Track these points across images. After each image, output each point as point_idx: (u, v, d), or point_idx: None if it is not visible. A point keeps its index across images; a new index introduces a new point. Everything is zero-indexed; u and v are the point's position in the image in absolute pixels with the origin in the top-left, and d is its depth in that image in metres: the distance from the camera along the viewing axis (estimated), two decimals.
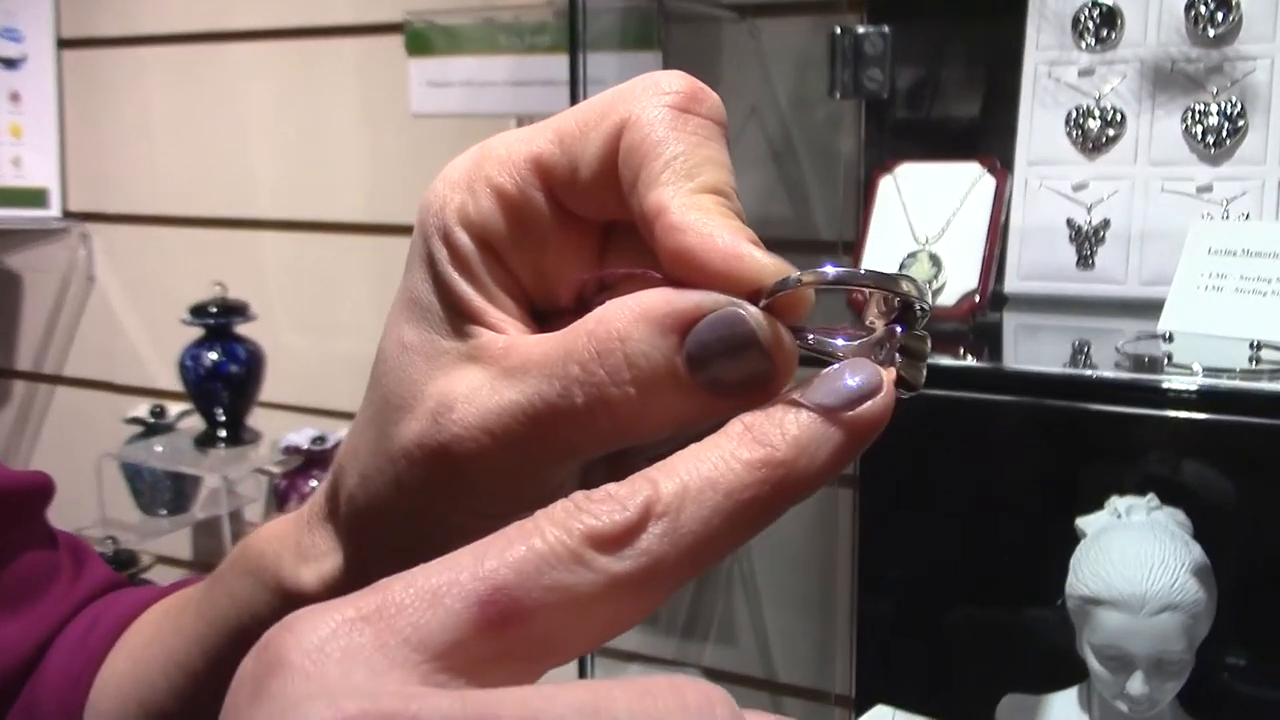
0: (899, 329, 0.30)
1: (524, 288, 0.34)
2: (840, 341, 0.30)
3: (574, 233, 0.33)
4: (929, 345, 0.30)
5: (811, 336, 0.30)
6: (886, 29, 1.25)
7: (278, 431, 1.68)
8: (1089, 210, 1.11)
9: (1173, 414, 0.89)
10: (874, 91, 1.26)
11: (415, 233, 0.34)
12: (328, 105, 1.77)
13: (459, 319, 0.33)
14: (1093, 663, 1.08)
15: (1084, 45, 1.12)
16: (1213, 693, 1.17)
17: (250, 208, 1.86)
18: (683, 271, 0.30)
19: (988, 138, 1.22)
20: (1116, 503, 1.12)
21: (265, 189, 1.85)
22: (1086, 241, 1.11)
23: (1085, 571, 1.08)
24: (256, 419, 1.71)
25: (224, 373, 1.61)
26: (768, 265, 0.29)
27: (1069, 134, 1.12)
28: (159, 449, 1.71)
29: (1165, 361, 0.89)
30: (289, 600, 0.36)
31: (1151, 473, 1.22)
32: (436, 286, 0.33)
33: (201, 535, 1.87)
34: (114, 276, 2.02)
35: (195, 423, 1.71)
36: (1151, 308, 1.01)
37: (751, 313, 0.29)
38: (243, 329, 1.66)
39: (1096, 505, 1.13)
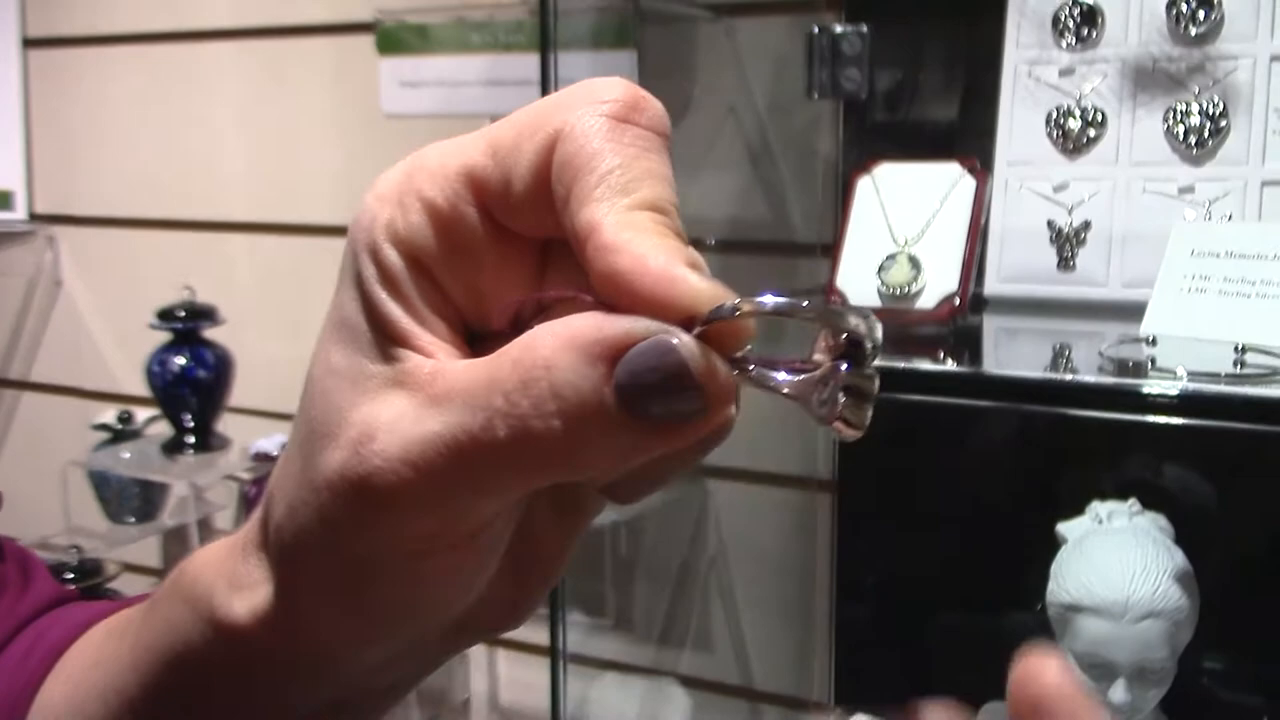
0: (844, 366, 0.27)
1: (458, 309, 0.31)
2: (782, 375, 0.28)
3: (511, 250, 0.31)
4: (876, 385, 0.28)
5: (753, 368, 0.28)
6: (865, 28, 1.23)
7: (248, 437, 1.66)
8: (1070, 211, 1.10)
9: (1156, 419, 0.88)
10: (852, 91, 1.25)
11: (345, 249, 0.32)
12: (298, 106, 1.75)
13: (386, 342, 0.30)
14: (1075, 670, 1.06)
15: (1065, 44, 1.11)
16: (1195, 700, 1.16)
17: (219, 210, 1.84)
18: (614, 295, 0.28)
19: (967, 138, 1.21)
20: (1098, 508, 1.11)
21: (235, 191, 1.83)
22: (1067, 243, 1.10)
23: (1066, 578, 1.06)
24: (226, 425, 1.68)
25: (192, 378, 1.58)
26: (703, 290, 0.27)
27: (1049, 134, 1.11)
28: (126, 455, 1.68)
29: (1149, 366, 0.88)
30: (221, 631, 0.34)
31: (1133, 477, 1.21)
32: (365, 306, 0.31)
33: (170, 543, 1.84)
34: (81, 280, 1.99)
35: (163, 429, 1.69)
36: (1133, 310, 1.00)
37: (684, 341, 0.27)
38: (211, 333, 1.63)
39: (1077, 510, 1.12)
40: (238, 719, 0.36)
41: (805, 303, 0.27)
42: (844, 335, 0.28)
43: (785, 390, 0.28)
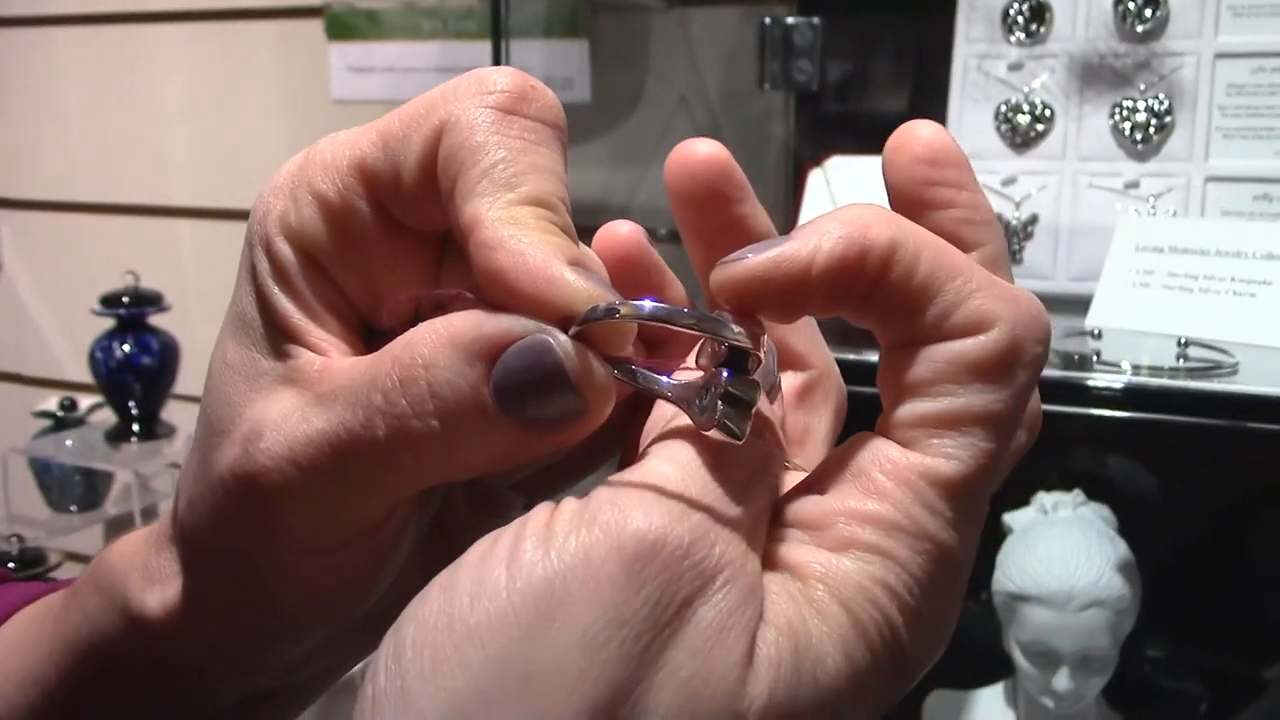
0: (725, 374, 0.27)
1: (352, 303, 0.31)
2: (665, 380, 0.28)
3: (406, 244, 0.31)
4: (757, 395, 0.27)
5: (636, 370, 0.28)
6: (816, 20, 1.24)
7: (193, 424, 1.63)
8: (1017, 205, 1.11)
9: (1101, 412, 0.89)
10: (804, 83, 1.25)
11: (244, 242, 0.31)
12: (246, 90, 1.73)
13: (279, 337, 0.30)
14: (1019, 659, 1.08)
15: (1014, 39, 1.12)
16: (1137, 687, 1.18)
17: (165, 195, 1.81)
18: (495, 294, 0.27)
19: None
20: (1043, 499, 1.13)
21: (181, 176, 1.81)
22: (1015, 237, 1.11)
23: (1012, 568, 1.08)
24: (171, 412, 1.66)
25: (136, 365, 1.56)
26: (580, 290, 0.27)
27: (998, 128, 1.12)
28: (69, 443, 1.65)
29: (1094, 359, 0.89)
30: (135, 623, 0.33)
31: (1078, 469, 1.23)
32: (259, 301, 0.31)
33: (114, 532, 1.82)
34: (23, 265, 1.96)
35: (107, 416, 1.66)
36: (1079, 304, 1.01)
37: (560, 342, 0.27)
38: (157, 319, 1.61)
39: (1024, 501, 1.13)
40: (154, 712, 0.35)
41: (685, 310, 0.27)
42: (725, 344, 0.27)
43: (668, 394, 0.28)
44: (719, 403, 0.27)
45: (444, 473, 0.28)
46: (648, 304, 0.27)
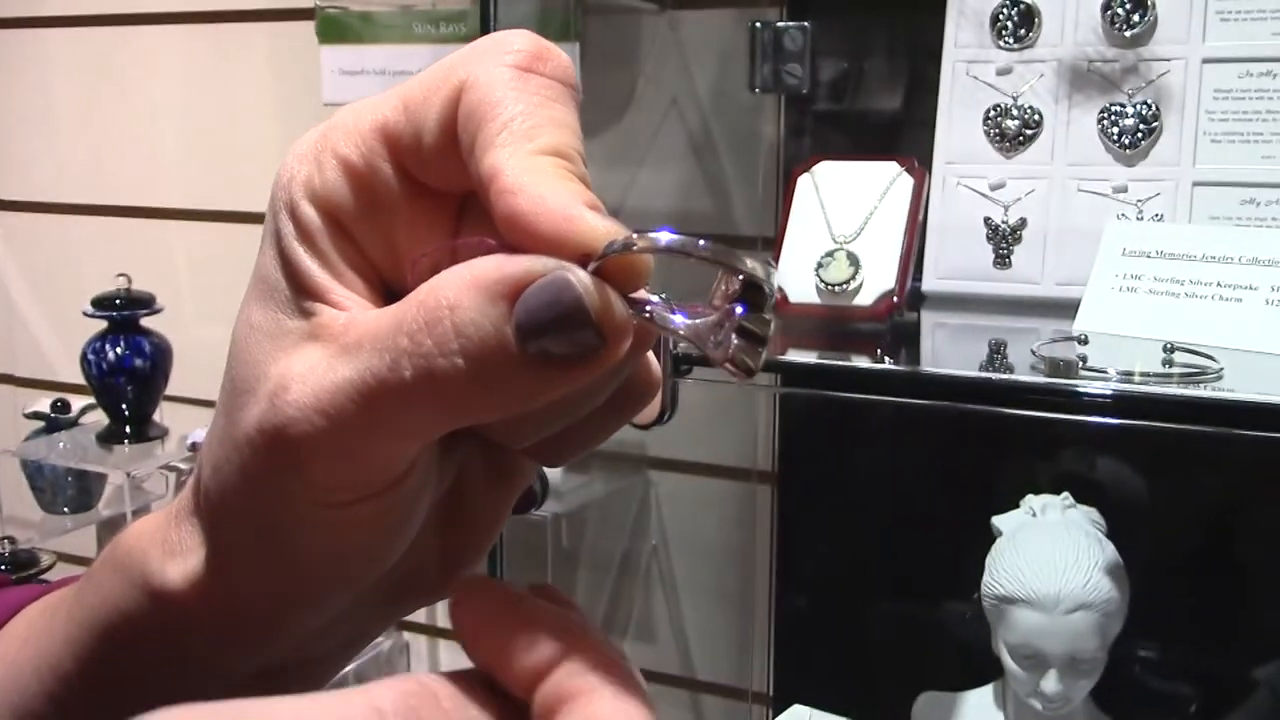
0: (739, 309, 0.28)
1: (375, 265, 0.32)
2: (679, 318, 0.29)
3: (427, 205, 0.32)
4: (770, 329, 0.28)
5: (650, 309, 0.29)
6: (806, 24, 1.24)
7: (186, 426, 1.64)
8: (1006, 209, 1.11)
9: (1087, 418, 0.90)
10: (794, 87, 1.25)
11: (268, 209, 0.32)
12: (238, 92, 1.73)
13: (303, 296, 0.31)
14: (1007, 661, 1.08)
15: (1002, 44, 1.12)
16: (1126, 689, 1.18)
17: (157, 196, 1.81)
18: (516, 237, 0.28)
19: (908, 134, 1.22)
20: (1031, 501, 1.13)
21: (173, 177, 1.81)
22: (1004, 241, 1.11)
23: (1000, 571, 1.08)
24: (163, 414, 1.66)
25: (128, 367, 1.56)
26: (598, 228, 0.28)
27: (987, 132, 1.12)
28: (61, 445, 1.65)
29: (1080, 365, 0.89)
30: (156, 598, 0.34)
31: (1067, 471, 1.23)
32: (283, 263, 0.31)
33: (106, 533, 1.82)
34: (15, 265, 1.96)
35: (100, 417, 1.66)
36: (1067, 308, 1.01)
37: (580, 277, 0.27)
38: (149, 321, 1.61)
39: (1014, 504, 1.13)
40: (172, 687, 0.36)
41: (701, 241, 0.28)
42: (740, 278, 0.28)
43: (681, 330, 0.28)
44: (733, 337, 0.28)
45: (470, 411, 0.29)
46: (664, 235, 0.28)
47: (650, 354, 0.33)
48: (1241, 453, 1.12)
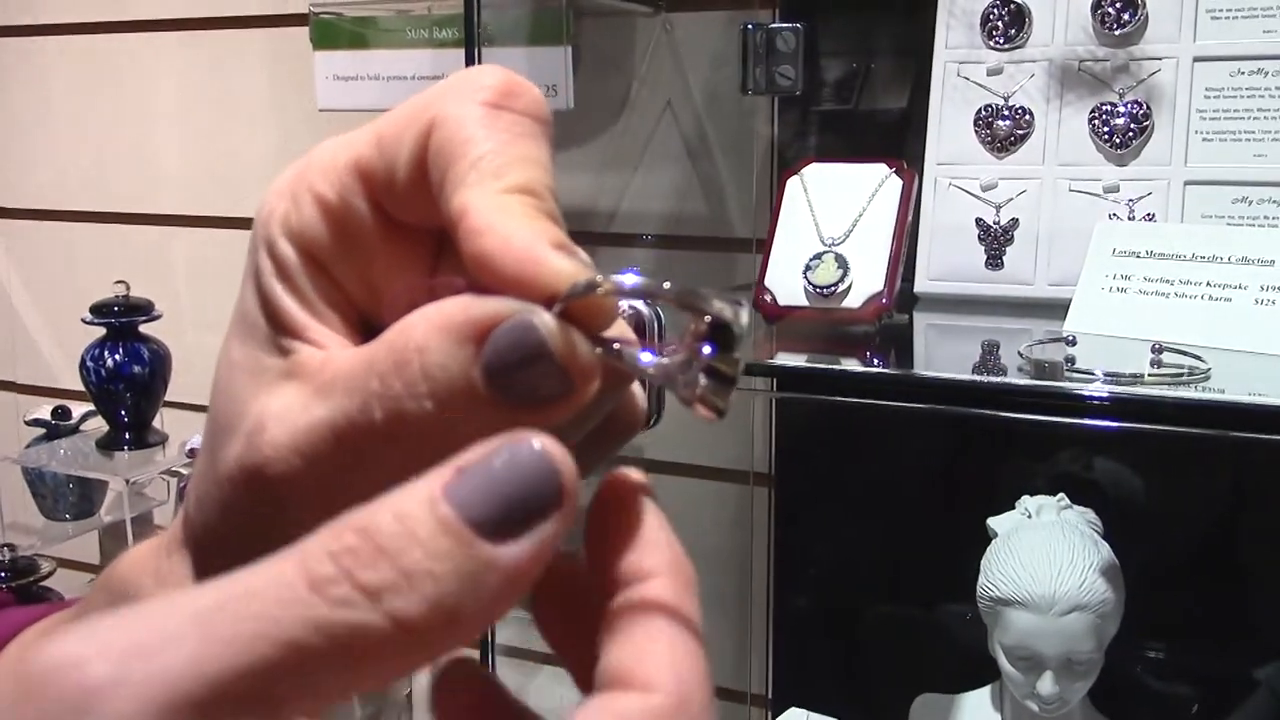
0: (708, 349, 0.28)
1: (354, 301, 0.32)
2: (647, 356, 0.28)
3: (404, 242, 0.32)
4: (740, 369, 0.28)
5: (618, 348, 0.28)
6: (799, 25, 1.24)
7: (186, 432, 1.64)
8: (998, 210, 1.11)
9: (1074, 421, 0.89)
10: (786, 88, 1.25)
11: (249, 245, 0.32)
12: (235, 99, 1.73)
13: (281, 334, 0.31)
14: (1003, 663, 1.08)
15: (993, 44, 1.12)
16: (1123, 690, 1.18)
17: (156, 203, 1.82)
18: (484, 277, 0.28)
19: (900, 135, 1.21)
20: (1027, 503, 1.13)
21: (171, 184, 1.81)
22: (996, 241, 1.11)
23: (995, 572, 1.08)
24: (164, 420, 1.67)
25: (127, 374, 1.56)
26: (562, 270, 0.28)
27: (978, 133, 1.12)
28: (62, 452, 1.66)
29: (1069, 365, 0.89)
30: None
31: (1064, 472, 1.23)
32: (261, 301, 0.32)
33: (108, 539, 1.82)
34: (16, 272, 1.97)
35: (100, 424, 1.67)
36: (1059, 308, 1.01)
37: (544, 320, 0.27)
38: (148, 328, 1.61)
39: (1011, 505, 1.13)
40: None
41: (666, 284, 0.28)
42: (708, 319, 0.28)
43: (650, 370, 0.28)
44: (701, 377, 0.27)
45: (441, 455, 0.28)
46: (629, 278, 0.27)
47: (637, 388, 0.33)
48: (1236, 453, 1.11)
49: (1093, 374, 0.86)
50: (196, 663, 0.21)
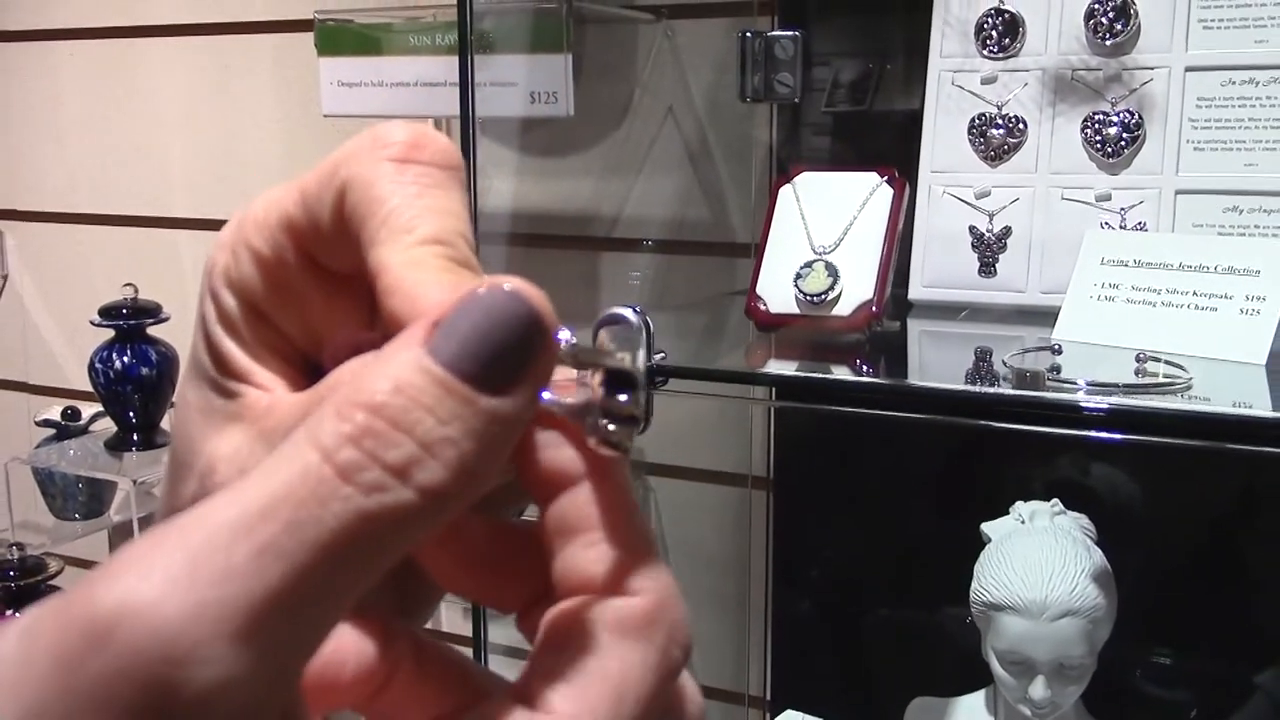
0: (608, 393, 0.29)
1: (295, 346, 0.33)
2: (547, 395, 0.29)
3: (340, 290, 0.33)
4: (641, 409, 0.29)
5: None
6: (798, 33, 1.24)
7: None
8: (991, 218, 1.12)
9: (1054, 431, 0.90)
10: (785, 95, 1.26)
11: (199, 292, 0.34)
12: (244, 103, 1.75)
13: (227, 377, 0.33)
14: (996, 667, 1.09)
15: (987, 53, 1.12)
16: (1116, 694, 1.18)
17: (166, 206, 1.84)
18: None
19: (896, 143, 1.22)
20: (1020, 508, 1.13)
21: (181, 187, 1.83)
22: (989, 249, 1.11)
23: (987, 577, 1.08)
24: (171, 421, 1.68)
25: (135, 376, 1.58)
26: None
27: (972, 141, 1.13)
28: (72, 452, 1.68)
29: (1053, 374, 0.89)
30: None
31: (1060, 478, 1.23)
32: (208, 346, 0.33)
33: (117, 539, 1.84)
34: (28, 275, 1.99)
35: (109, 425, 1.69)
36: (1051, 316, 1.02)
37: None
38: (156, 330, 1.63)
39: (1005, 510, 1.14)
40: None
41: (564, 341, 0.28)
42: (604, 369, 0.29)
43: (555, 412, 0.29)
44: (603, 420, 0.29)
45: None
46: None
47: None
48: (1228, 460, 1.12)
49: (1075, 383, 0.87)
50: (263, 579, 0.22)
